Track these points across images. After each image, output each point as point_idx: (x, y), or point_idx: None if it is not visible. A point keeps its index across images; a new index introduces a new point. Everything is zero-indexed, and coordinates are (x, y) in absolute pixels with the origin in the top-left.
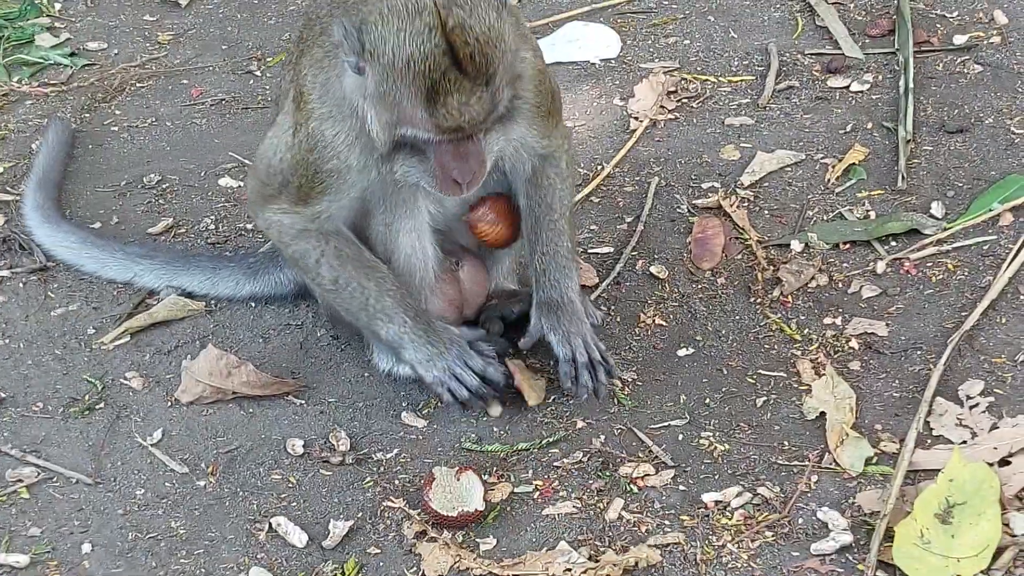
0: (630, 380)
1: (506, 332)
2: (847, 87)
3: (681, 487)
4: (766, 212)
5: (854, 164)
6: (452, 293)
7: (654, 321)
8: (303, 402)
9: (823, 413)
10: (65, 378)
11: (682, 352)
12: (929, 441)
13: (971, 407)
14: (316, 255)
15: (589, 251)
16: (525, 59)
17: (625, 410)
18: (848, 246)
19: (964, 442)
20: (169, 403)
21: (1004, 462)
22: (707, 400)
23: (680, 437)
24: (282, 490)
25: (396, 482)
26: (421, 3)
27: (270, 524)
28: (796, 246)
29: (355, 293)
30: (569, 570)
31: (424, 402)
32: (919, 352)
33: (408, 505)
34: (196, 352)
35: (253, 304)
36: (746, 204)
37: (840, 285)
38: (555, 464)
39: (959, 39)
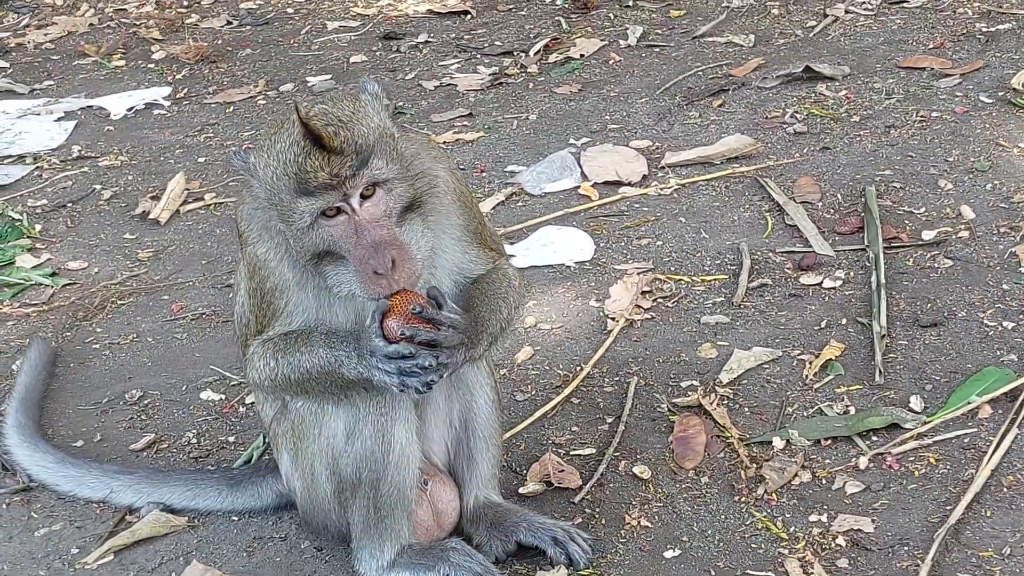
0: None
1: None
2: (820, 284)
3: None
4: (746, 409)
5: (831, 360)
6: (422, 515)
7: (639, 523)
8: None
9: None
10: None
11: (668, 554)
12: None
13: None
14: (271, 361)
15: (571, 453)
16: (432, 170)
17: None
18: (829, 442)
19: None
20: None
21: None
22: None
23: None
24: None
25: None
26: (290, 114)
27: None
28: (778, 443)
29: (316, 366)
30: None
31: None
32: (906, 548)
33: None
34: (180, 569)
35: (236, 517)
36: (726, 402)
37: (824, 481)
38: None
39: (928, 234)
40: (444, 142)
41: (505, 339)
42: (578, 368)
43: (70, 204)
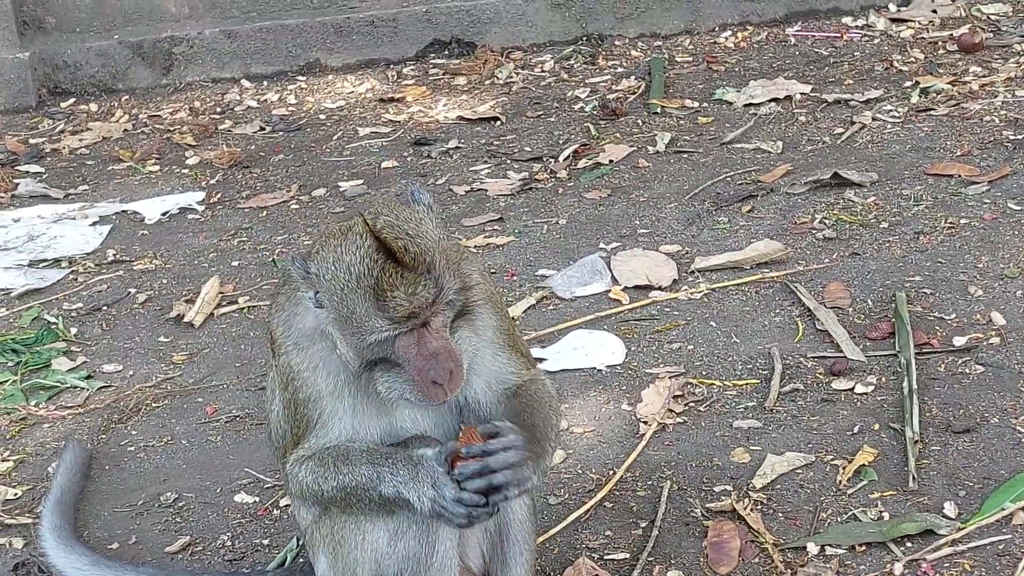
0: None
1: None
2: (851, 389)
3: None
4: (780, 515)
5: (864, 465)
6: None
7: None
8: None
9: None
10: None
11: None
12: None
13: None
14: (312, 475)
15: (605, 558)
16: (472, 277)
17: None
18: (864, 548)
19: None
20: None
21: None
22: None
23: None
24: None
25: None
26: (351, 222)
27: None
28: (812, 549)
29: (359, 486)
30: None
31: None
32: None
33: None
34: None
35: None
36: (760, 507)
37: None
38: None
39: (959, 340)
40: (475, 246)
41: (554, 452)
42: (611, 472)
43: (105, 307)
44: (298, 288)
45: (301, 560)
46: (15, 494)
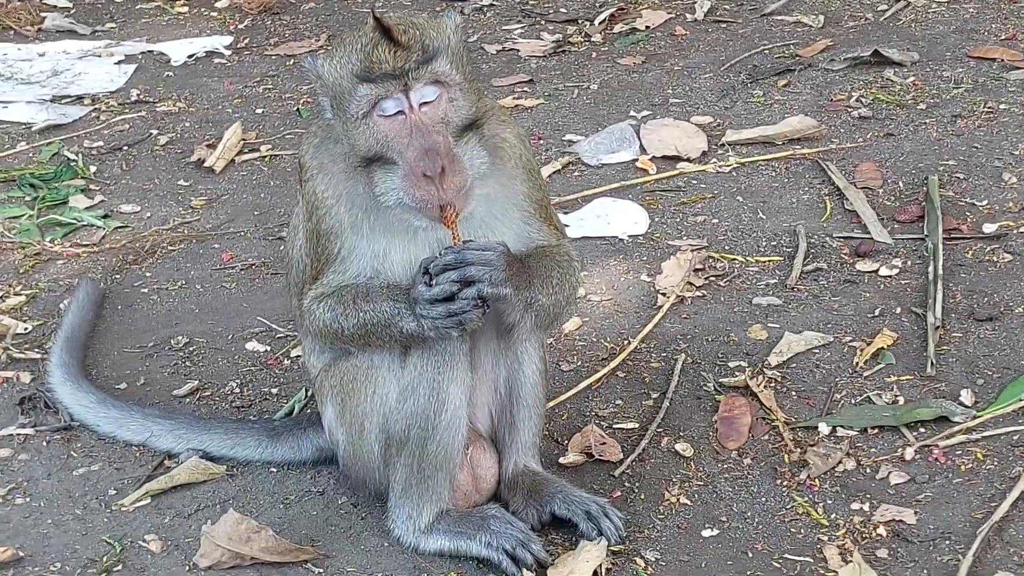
0: (653, 559)
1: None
2: (876, 271)
3: None
4: (793, 393)
5: (883, 348)
6: (461, 479)
7: (678, 500)
8: (321, 571)
9: None
10: (84, 539)
11: (706, 533)
12: None
13: None
14: (332, 313)
15: (614, 426)
16: (505, 140)
17: None
18: (876, 431)
19: None
20: (187, 568)
21: None
22: None
23: None
24: None
25: None
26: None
27: None
28: (824, 429)
29: (374, 317)
30: None
31: (444, 575)
32: (948, 542)
33: None
34: (216, 516)
35: (274, 469)
36: (773, 384)
37: (868, 470)
38: None
39: (989, 227)
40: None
41: (563, 315)
42: (626, 342)
43: (126, 147)
44: (329, 118)
45: (308, 411)
46: (25, 328)
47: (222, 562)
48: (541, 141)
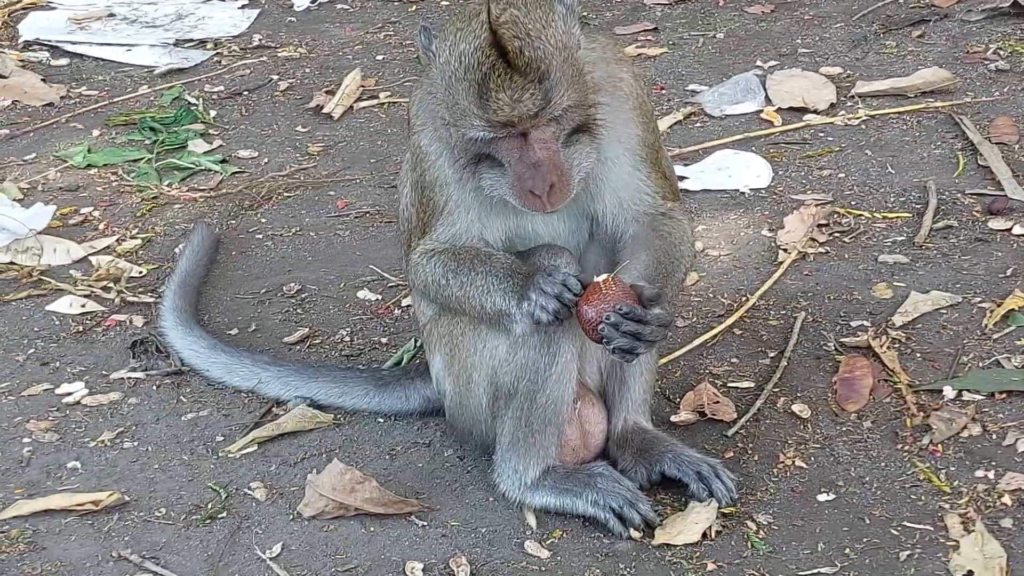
0: (765, 523)
1: None
2: (1009, 230)
3: None
4: (918, 355)
5: (1013, 310)
6: (569, 434)
7: (793, 463)
8: (425, 524)
9: (971, 572)
10: (190, 484)
11: (822, 497)
12: None
13: None
14: (440, 269)
15: (728, 385)
16: (621, 79)
17: (759, 555)
18: (1004, 396)
19: None
20: (291, 516)
21: None
22: (847, 550)
23: None
24: None
25: None
26: (481, 7)
27: None
28: (949, 393)
29: (480, 304)
30: None
31: (549, 532)
32: None
33: None
34: (322, 466)
35: (381, 419)
36: (897, 346)
37: (994, 437)
38: None
39: None
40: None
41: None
42: (743, 298)
43: (246, 92)
44: (439, 98)
45: (417, 361)
46: (140, 272)
47: (326, 512)
48: (663, 91)
